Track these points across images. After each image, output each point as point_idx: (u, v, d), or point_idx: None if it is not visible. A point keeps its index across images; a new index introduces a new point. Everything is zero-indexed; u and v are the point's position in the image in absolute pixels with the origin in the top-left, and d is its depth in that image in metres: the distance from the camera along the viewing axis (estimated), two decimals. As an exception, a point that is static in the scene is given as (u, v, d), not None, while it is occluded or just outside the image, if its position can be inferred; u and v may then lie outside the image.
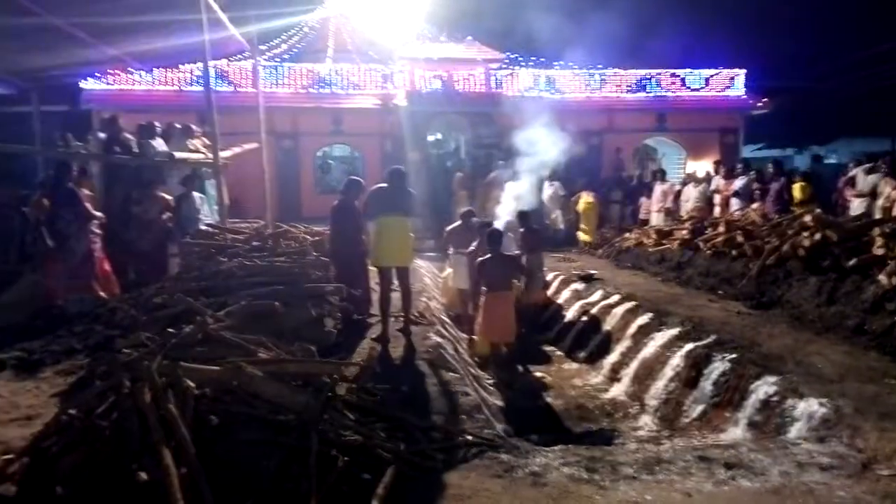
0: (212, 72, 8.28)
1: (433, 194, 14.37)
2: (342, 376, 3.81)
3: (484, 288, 6.77)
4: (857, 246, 6.35)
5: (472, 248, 7.58)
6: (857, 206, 8.94)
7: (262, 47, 15.31)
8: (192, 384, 3.26)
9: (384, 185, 6.39)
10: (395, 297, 6.54)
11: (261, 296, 5.11)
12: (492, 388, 6.43)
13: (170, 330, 4.39)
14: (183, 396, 3.15)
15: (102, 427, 3.08)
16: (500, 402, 6.04)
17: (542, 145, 11.57)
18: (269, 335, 4.33)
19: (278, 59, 16.96)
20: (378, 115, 16.62)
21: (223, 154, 9.21)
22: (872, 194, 8.64)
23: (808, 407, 4.35)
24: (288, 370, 3.64)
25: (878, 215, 8.02)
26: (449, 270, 9.06)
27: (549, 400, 6.47)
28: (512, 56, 16.97)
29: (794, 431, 4.28)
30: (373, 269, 6.68)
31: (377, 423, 3.68)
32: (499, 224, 8.60)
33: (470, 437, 3.87)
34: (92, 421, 3.15)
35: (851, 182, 9.38)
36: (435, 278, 10.59)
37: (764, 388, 4.83)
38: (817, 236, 6.75)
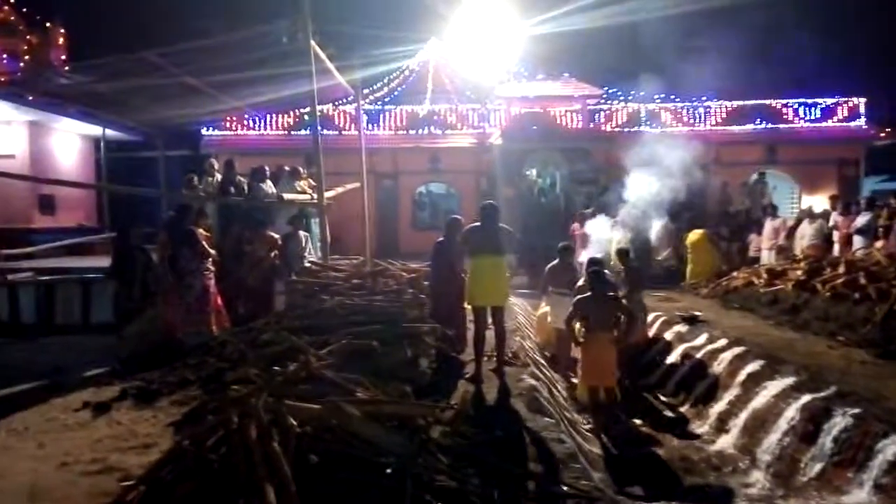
0: (318, 116, 8.78)
1: (527, 230, 14.34)
2: (437, 418, 3.83)
3: (584, 329, 6.63)
4: None
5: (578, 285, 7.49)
6: None
7: (365, 91, 16.09)
8: (294, 422, 3.39)
9: (478, 223, 6.49)
10: (490, 336, 6.54)
11: (360, 335, 5.26)
12: (589, 434, 6.23)
13: (275, 367, 4.61)
14: (286, 434, 3.28)
15: (212, 460, 3.25)
16: (597, 451, 5.84)
17: (644, 181, 11.33)
18: (367, 374, 4.45)
19: (380, 103, 17.72)
20: (474, 153, 16.91)
21: (327, 194, 9.67)
22: None
23: (945, 472, 3.91)
24: (384, 411, 3.71)
25: None
26: (545, 308, 8.95)
27: (650, 449, 6.18)
28: (610, 91, 16.82)
29: (931, 500, 3.85)
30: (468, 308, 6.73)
31: (470, 468, 3.66)
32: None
33: (566, 489, 3.76)
34: (203, 454, 3.34)
35: None
36: (529, 316, 10.49)
37: (892, 447, 4.39)
38: (954, 280, 6.12)
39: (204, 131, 16.54)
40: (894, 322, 6.75)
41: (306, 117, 16.12)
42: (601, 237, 10.93)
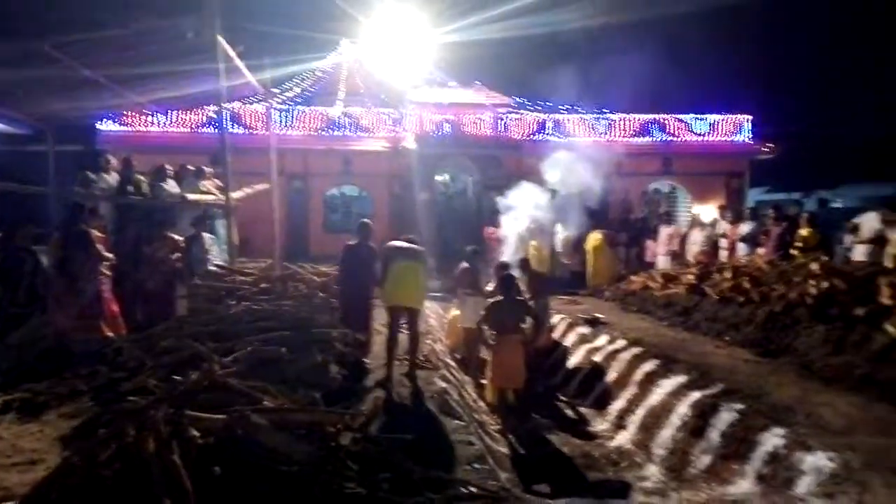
0: (225, 114, 8.48)
1: (440, 234, 14.51)
2: (347, 425, 3.81)
3: (493, 332, 6.78)
4: (864, 294, 6.32)
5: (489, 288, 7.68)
6: (860, 253, 8.90)
7: (276, 90, 15.70)
8: (196, 433, 3.27)
9: (400, 244, 6.62)
10: (403, 339, 6.57)
11: (267, 341, 5.14)
12: (497, 434, 6.37)
13: (175, 376, 4.42)
14: (187, 446, 3.16)
15: (105, 477, 3.08)
16: (505, 450, 5.98)
17: (548, 187, 11.73)
18: (275, 382, 4.35)
19: (291, 103, 17.36)
20: (387, 156, 16.89)
21: (234, 195, 9.37)
22: (877, 241, 8.61)
23: (817, 461, 4.29)
24: (292, 419, 3.65)
25: (887, 263, 7.98)
26: (456, 311, 9.08)
27: (554, 448, 6.40)
28: (519, 100, 17.31)
29: (803, 486, 4.22)
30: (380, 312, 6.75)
31: (381, 473, 3.66)
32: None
33: (474, 490, 3.84)
34: (95, 469, 3.16)
35: (856, 228, 9.36)
36: (440, 319, 10.60)
37: (772, 440, 4.77)
38: (825, 284, 6.74)
39: (100, 125, 15.53)
40: (774, 323, 7.31)
41: (213, 115, 15.53)
42: (515, 241, 11.25)
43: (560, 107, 17.46)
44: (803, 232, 9.73)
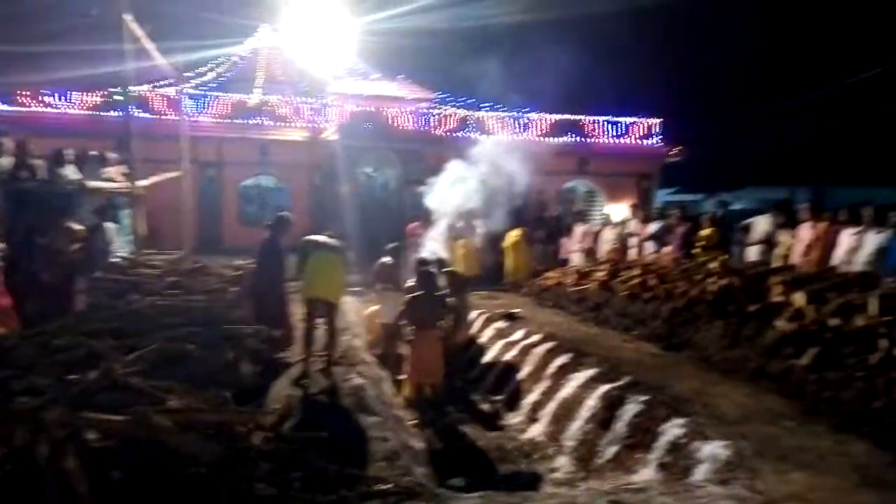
0: (131, 98, 8.04)
1: (362, 228, 14.35)
2: (258, 424, 3.71)
3: (411, 327, 6.80)
4: (758, 292, 6.77)
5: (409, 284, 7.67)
6: (753, 253, 9.54)
7: (188, 74, 15.02)
8: (94, 436, 3.09)
9: (319, 237, 6.50)
10: (320, 334, 6.47)
11: (174, 338, 4.92)
12: (414, 430, 6.39)
13: (72, 376, 4.15)
14: (83, 450, 2.98)
15: (-10, 485, 2.86)
16: (421, 445, 6.01)
17: (471, 184, 11.83)
18: (182, 381, 4.17)
19: (204, 88, 16.66)
20: (307, 147, 16.53)
21: (141, 183, 8.91)
22: (767, 242, 9.26)
23: (713, 449, 4.54)
24: (200, 419, 3.52)
25: (776, 263, 8.59)
26: (375, 306, 9.03)
27: (470, 441, 6.49)
28: (442, 96, 17.38)
29: (700, 473, 4.45)
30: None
31: (293, 471, 3.59)
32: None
33: (389, 486, 3.84)
34: (-22, 478, 2.93)
35: (747, 229, 10.02)
36: (359, 315, 10.51)
37: (673, 429, 5.01)
38: (723, 282, 7.17)
39: (-11, 105, 14.33)
40: (677, 318, 7.72)
41: (118, 98, 14.67)
42: (439, 237, 11.27)
43: (482, 104, 17.68)
44: (704, 232, 10.31)
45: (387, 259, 8.73)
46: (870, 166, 19.50)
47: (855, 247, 7.46)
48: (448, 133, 16.95)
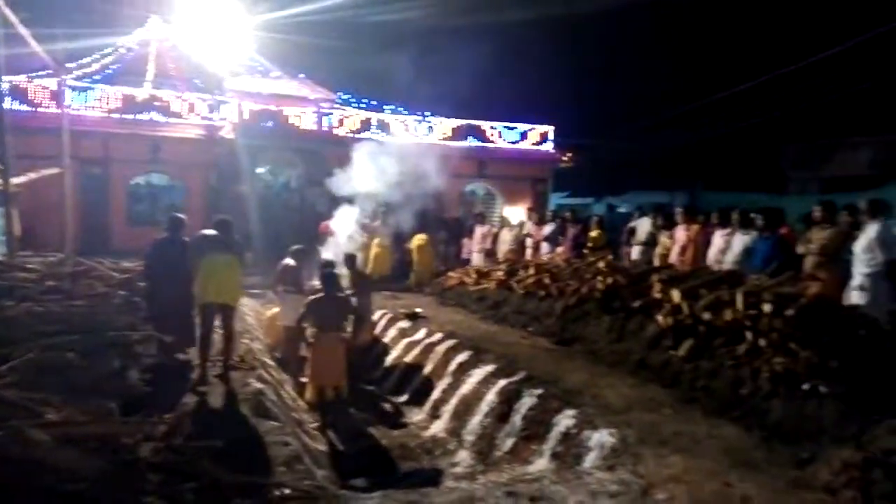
0: (5, 87, 7.43)
1: (262, 229, 13.99)
2: (147, 435, 3.57)
3: (313, 329, 6.73)
4: (641, 289, 7.24)
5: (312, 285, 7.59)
6: (637, 253, 10.20)
7: (70, 65, 14.03)
8: (-40, 455, 2.87)
9: (212, 232, 6.26)
10: (218, 339, 6.26)
11: (53, 346, 4.62)
12: (316, 433, 6.34)
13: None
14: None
15: None
16: (323, 448, 5.98)
17: (374, 186, 11.84)
18: (62, 392, 3.93)
19: (88, 80, 15.61)
20: (203, 145, 15.88)
21: (15, 180, 8.24)
22: (649, 242, 9.94)
23: (601, 437, 4.84)
24: (80, 432, 3.34)
25: (656, 262, 9.22)
26: (276, 309, 8.85)
27: (373, 441, 6.52)
28: (344, 97, 17.23)
29: (589, 461, 4.73)
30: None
31: (186, 482, 3.49)
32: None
33: (287, 491, 3.81)
34: None
35: (632, 231, 10.71)
36: (259, 317, 10.25)
37: (564, 420, 5.29)
38: (609, 280, 7.61)
39: None
40: (569, 315, 8.11)
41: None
42: (348, 237, 11.21)
43: (384, 106, 17.69)
44: (593, 233, 10.89)
45: (289, 260, 8.58)
46: (738, 173, 21.38)
47: (725, 247, 8.15)
48: (351, 134, 16.83)
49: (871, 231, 6.44)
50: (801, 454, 4.31)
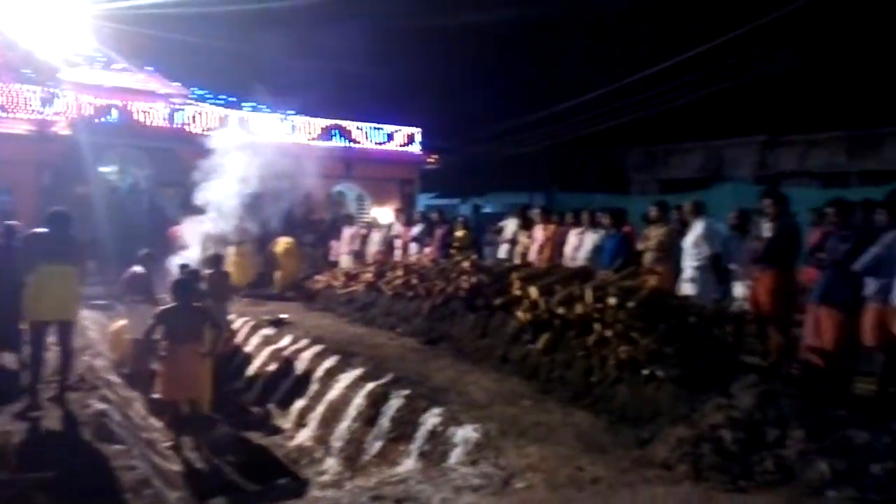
0: None
1: (107, 234, 12.85)
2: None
3: (166, 341, 6.29)
4: (502, 287, 7.52)
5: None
6: (502, 252, 10.62)
7: None
8: None
9: (44, 230, 5.63)
10: (52, 357, 5.67)
11: None
12: (170, 452, 5.95)
13: None
14: None
15: None
16: (178, 468, 5.62)
17: (234, 187, 11.29)
18: None
19: None
20: (33, 142, 14.30)
21: None
22: (513, 242, 10.38)
23: (465, 433, 4.97)
24: None
25: (517, 260, 9.64)
26: (122, 321, 8.20)
27: (236, 455, 6.24)
28: (199, 93, 16.29)
29: (455, 457, 4.84)
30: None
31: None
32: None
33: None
34: None
35: (499, 231, 11.14)
36: (103, 331, 9.43)
37: (431, 419, 5.37)
38: (473, 279, 7.84)
39: None
40: (436, 314, 8.25)
41: None
42: (202, 242, 10.55)
43: (243, 104, 16.95)
44: (458, 233, 11.18)
45: (137, 268, 7.98)
46: (588, 175, 22.98)
47: (578, 245, 8.70)
48: (206, 132, 15.93)
49: (697, 228, 7.22)
50: (643, 434, 4.70)
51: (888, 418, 4.47)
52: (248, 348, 9.03)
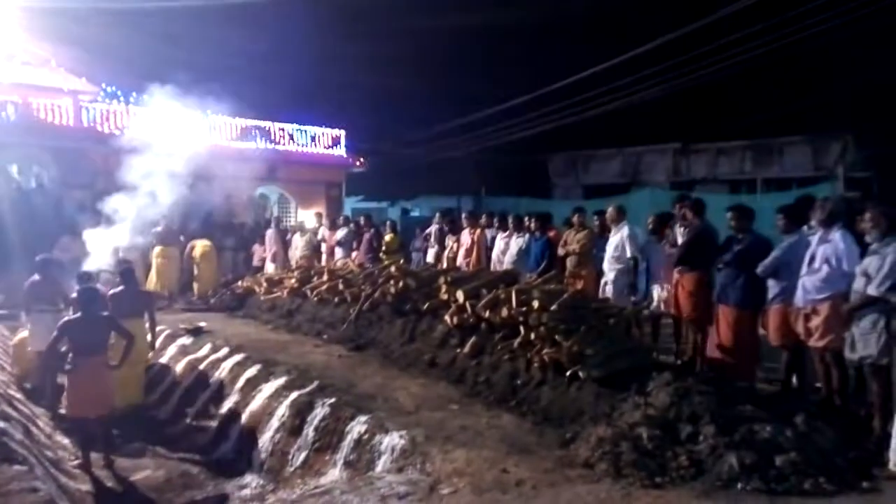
0: None
1: (8, 237, 11.98)
2: None
3: (71, 354, 5.91)
4: (430, 291, 7.53)
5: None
6: (431, 256, 10.64)
7: None
8: None
9: None
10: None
11: None
12: (77, 471, 5.59)
13: None
14: None
15: None
16: (87, 487, 5.30)
17: (148, 189, 10.76)
18: None
19: None
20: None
21: None
22: (442, 245, 10.42)
23: (392, 440, 4.92)
24: None
25: (445, 265, 9.68)
26: (25, 332, 7.65)
27: (150, 472, 5.93)
28: (110, 90, 15.44)
29: (381, 465, 4.78)
30: None
31: None
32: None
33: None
34: None
35: (428, 237, 11.14)
36: (4, 343, 8.79)
37: (357, 427, 5.27)
38: (401, 284, 7.80)
39: None
40: (364, 320, 8.16)
41: None
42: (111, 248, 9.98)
43: (161, 104, 16.15)
44: (387, 238, 11.11)
45: (38, 276, 7.47)
46: (513, 179, 23.41)
47: (504, 249, 8.83)
48: (118, 132, 15.13)
49: (622, 233, 7.45)
50: (566, 434, 4.81)
51: (791, 413, 4.76)
52: (164, 359, 8.62)
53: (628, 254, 7.37)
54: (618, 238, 7.45)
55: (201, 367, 7.84)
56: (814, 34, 13.06)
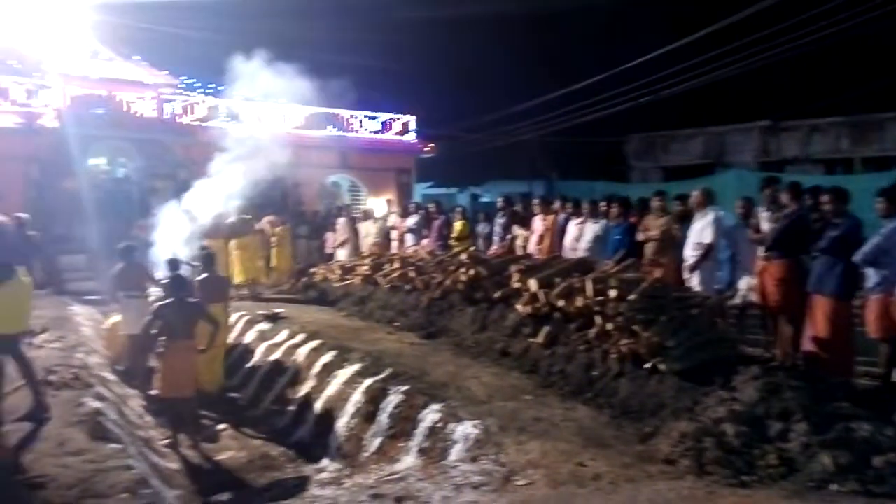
0: None
1: (97, 229, 12.69)
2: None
3: (163, 337, 6.20)
4: (501, 280, 7.43)
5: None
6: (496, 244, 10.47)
7: None
8: None
9: None
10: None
11: None
12: (168, 450, 5.88)
13: None
14: None
15: None
16: (176, 466, 5.56)
17: (227, 178, 11.12)
18: None
19: None
20: (20, 135, 14.07)
21: None
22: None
23: (465, 430, 4.90)
24: None
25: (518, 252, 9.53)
26: (117, 317, 8.09)
27: (234, 453, 6.17)
28: (189, 82, 16.04)
29: (455, 454, 4.77)
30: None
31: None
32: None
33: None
34: None
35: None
36: (97, 327, 9.33)
37: (430, 415, 5.30)
38: (472, 272, 7.74)
39: None
40: (434, 308, 8.17)
41: None
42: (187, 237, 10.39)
43: (237, 95, 16.66)
44: (456, 225, 11.04)
45: (124, 263, 7.84)
46: (588, 163, 22.87)
47: (578, 235, 8.57)
48: (197, 122, 15.72)
49: (708, 217, 7.02)
50: (645, 429, 4.65)
51: (891, 410, 4.43)
52: (244, 344, 8.93)
53: (708, 240, 6.97)
54: (703, 223, 7.03)
55: (279, 352, 8.07)
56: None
